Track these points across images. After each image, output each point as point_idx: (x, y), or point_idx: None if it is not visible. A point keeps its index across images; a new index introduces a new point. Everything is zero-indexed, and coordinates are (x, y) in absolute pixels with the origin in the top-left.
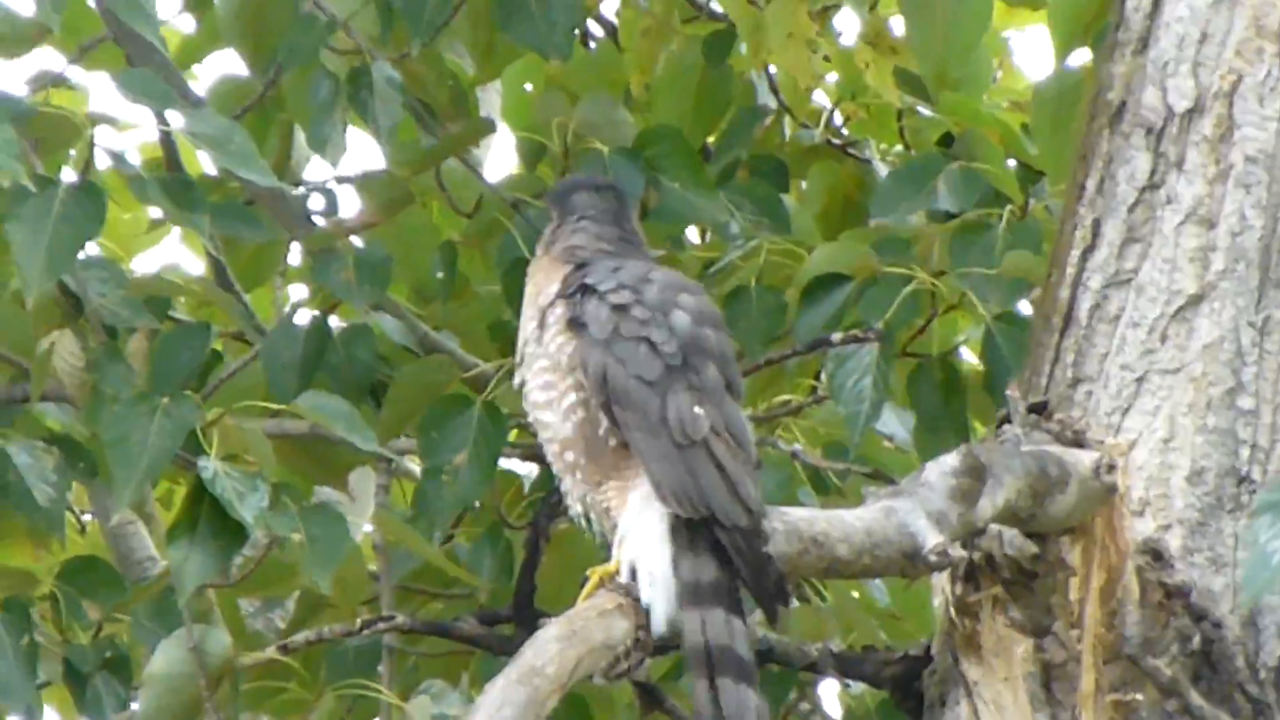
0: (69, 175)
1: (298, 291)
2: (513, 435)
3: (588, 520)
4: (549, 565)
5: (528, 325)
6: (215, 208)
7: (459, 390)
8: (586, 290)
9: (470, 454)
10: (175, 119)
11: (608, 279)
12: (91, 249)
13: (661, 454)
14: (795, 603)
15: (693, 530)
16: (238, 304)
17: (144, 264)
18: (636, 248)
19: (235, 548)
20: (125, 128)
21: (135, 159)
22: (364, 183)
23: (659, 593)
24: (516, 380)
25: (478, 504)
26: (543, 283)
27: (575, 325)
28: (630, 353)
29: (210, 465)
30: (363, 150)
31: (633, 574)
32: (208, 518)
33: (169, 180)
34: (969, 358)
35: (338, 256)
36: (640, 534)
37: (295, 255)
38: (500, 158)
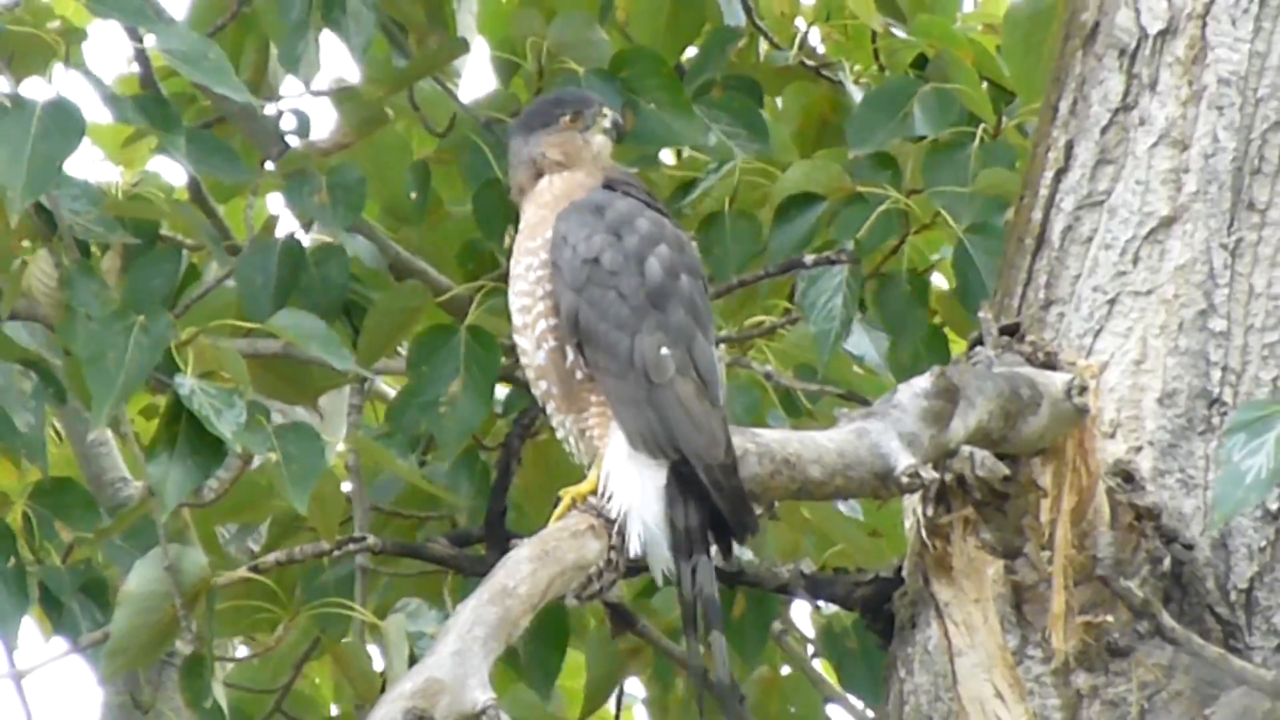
0: (47, 92)
1: (274, 203)
2: None
3: (570, 442)
4: (521, 486)
5: (520, 256)
6: (191, 136)
7: (435, 315)
8: (563, 241)
9: (464, 381)
10: (149, 36)
11: (584, 225)
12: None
13: (630, 397)
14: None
15: (678, 474)
16: (208, 223)
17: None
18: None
19: (214, 464)
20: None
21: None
22: (338, 97)
23: (653, 546)
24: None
25: None
26: (534, 215)
27: (552, 266)
28: (599, 298)
29: (187, 382)
30: (337, 66)
31: (624, 524)
32: (186, 435)
33: (144, 98)
34: (942, 283)
35: (311, 178)
36: (632, 481)
37: (271, 166)
38: (477, 71)
